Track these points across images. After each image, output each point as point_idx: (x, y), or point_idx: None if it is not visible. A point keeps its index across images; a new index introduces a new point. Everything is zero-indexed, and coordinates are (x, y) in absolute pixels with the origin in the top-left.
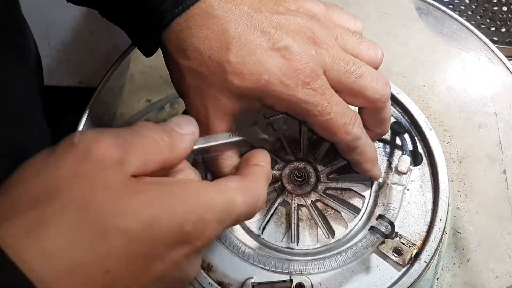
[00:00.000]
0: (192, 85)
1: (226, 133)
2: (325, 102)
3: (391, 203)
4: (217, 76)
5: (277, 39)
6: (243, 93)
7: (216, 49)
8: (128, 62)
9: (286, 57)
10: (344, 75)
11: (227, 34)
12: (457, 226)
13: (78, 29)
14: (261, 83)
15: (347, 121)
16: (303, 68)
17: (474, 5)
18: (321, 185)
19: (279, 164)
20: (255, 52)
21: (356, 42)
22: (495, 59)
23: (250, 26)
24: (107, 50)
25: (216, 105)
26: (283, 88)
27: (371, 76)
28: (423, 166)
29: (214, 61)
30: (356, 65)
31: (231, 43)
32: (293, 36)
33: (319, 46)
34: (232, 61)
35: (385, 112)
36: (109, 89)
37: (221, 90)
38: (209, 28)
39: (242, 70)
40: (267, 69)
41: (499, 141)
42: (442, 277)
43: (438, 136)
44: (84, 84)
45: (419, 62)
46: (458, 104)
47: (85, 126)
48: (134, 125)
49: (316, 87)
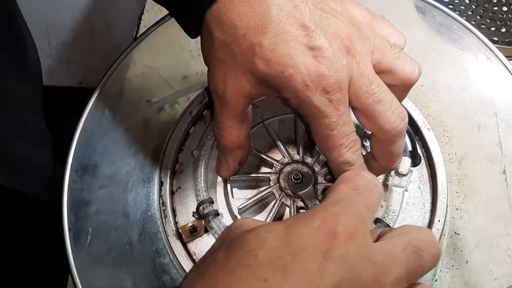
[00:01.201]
0: (220, 58)
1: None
2: (334, 117)
3: (391, 205)
4: (245, 56)
5: (314, 37)
6: (265, 79)
7: (252, 29)
8: (128, 62)
9: (317, 58)
10: (364, 94)
11: (267, 17)
12: (456, 227)
13: (79, 30)
14: (284, 75)
15: (344, 142)
16: (330, 75)
17: (474, 5)
18: (318, 186)
19: (276, 166)
20: (289, 44)
21: (393, 57)
22: (495, 59)
23: (291, 16)
24: (107, 50)
25: (236, 84)
26: (303, 87)
27: (389, 105)
28: (421, 167)
29: (247, 41)
30: (379, 88)
31: (268, 27)
32: (330, 39)
33: (352, 57)
34: (264, 45)
35: (395, 147)
36: (109, 89)
37: (245, 71)
38: (251, 7)
39: (270, 57)
40: (295, 63)
41: (499, 141)
42: (441, 278)
43: (437, 137)
44: (84, 84)
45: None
46: (457, 104)
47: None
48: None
49: (333, 99)
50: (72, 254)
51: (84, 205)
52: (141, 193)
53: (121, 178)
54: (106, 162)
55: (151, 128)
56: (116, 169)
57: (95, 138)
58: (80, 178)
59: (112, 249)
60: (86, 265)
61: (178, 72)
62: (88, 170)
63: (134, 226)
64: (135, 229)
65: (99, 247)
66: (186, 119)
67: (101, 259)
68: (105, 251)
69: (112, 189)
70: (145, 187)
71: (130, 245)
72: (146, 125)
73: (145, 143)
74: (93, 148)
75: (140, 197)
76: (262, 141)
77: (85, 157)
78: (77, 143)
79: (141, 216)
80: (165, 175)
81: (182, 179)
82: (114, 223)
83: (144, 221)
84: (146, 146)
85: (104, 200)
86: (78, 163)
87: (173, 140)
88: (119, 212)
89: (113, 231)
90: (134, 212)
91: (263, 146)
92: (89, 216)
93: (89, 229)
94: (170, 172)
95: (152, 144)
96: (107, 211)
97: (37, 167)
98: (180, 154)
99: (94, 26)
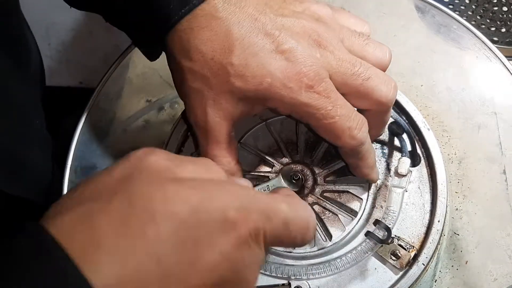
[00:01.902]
0: (193, 87)
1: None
2: (329, 106)
3: (391, 206)
4: (219, 78)
5: (281, 41)
6: (245, 95)
7: (219, 51)
8: (128, 62)
9: (289, 60)
10: (350, 77)
11: (230, 36)
12: (456, 227)
13: (79, 30)
14: (264, 86)
15: (352, 125)
16: (307, 71)
17: (474, 5)
18: (318, 188)
19: (276, 166)
20: (258, 55)
21: (363, 44)
22: (495, 59)
23: (254, 28)
24: (107, 50)
25: (216, 109)
26: (285, 91)
27: (379, 79)
28: (421, 167)
29: (217, 63)
30: (364, 67)
31: (234, 45)
32: (297, 38)
33: (325, 48)
34: (235, 63)
35: (388, 115)
36: (109, 89)
37: (222, 93)
38: (212, 30)
39: (244, 73)
40: (270, 71)
41: (499, 141)
42: (441, 279)
43: (437, 137)
44: (84, 84)
45: (418, 62)
46: (457, 104)
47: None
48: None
49: (320, 90)
50: None
51: None
52: None
53: None
54: (105, 163)
55: (151, 128)
56: None
57: (94, 139)
58: (79, 179)
59: None
60: None
61: None
62: (87, 171)
63: None
64: None
65: None
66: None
67: None
68: None
69: None
70: None
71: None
72: (146, 125)
73: (145, 142)
74: (92, 149)
75: None
76: (263, 140)
77: (84, 158)
78: (76, 145)
79: None
80: None
81: None
82: None
83: None
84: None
85: None
86: (77, 164)
87: (173, 142)
88: None
89: None
90: None
91: (263, 145)
92: None
93: None
94: None
95: (151, 144)
96: None
97: (37, 171)
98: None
99: (94, 27)
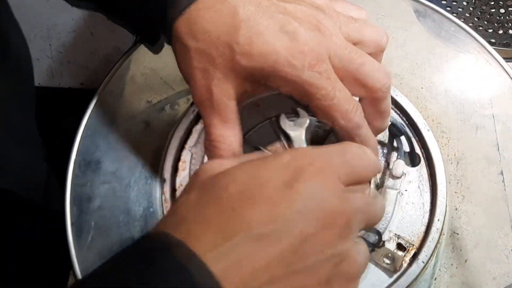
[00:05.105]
0: (199, 67)
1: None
2: (329, 87)
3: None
4: (224, 57)
5: (285, 23)
6: (250, 73)
7: (225, 31)
8: (128, 63)
9: (293, 39)
10: (346, 62)
11: (236, 17)
12: (455, 227)
13: (79, 31)
14: (269, 63)
15: (349, 108)
16: (309, 51)
17: (472, 8)
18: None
19: None
20: (264, 34)
21: (360, 28)
22: (493, 61)
23: (258, 10)
24: (108, 51)
25: (221, 88)
26: (289, 69)
27: (373, 66)
28: (421, 167)
29: (223, 42)
30: (359, 54)
31: (239, 25)
32: (299, 22)
33: (324, 33)
34: (241, 42)
35: (385, 104)
36: (110, 90)
37: (227, 72)
38: (218, 11)
39: (250, 51)
40: (275, 49)
41: (497, 142)
42: (440, 277)
43: (436, 138)
44: (85, 85)
45: (417, 64)
46: (455, 106)
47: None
48: None
49: (321, 71)
50: (74, 249)
51: (87, 200)
52: (143, 190)
53: (124, 174)
54: (109, 159)
55: (152, 128)
56: (119, 166)
57: (97, 136)
58: (83, 174)
59: (114, 245)
60: (88, 260)
61: (178, 73)
62: (91, 165)
63: (136, 223)
64: (137, 226)
65: (101, 242)
66: (189, 117)
67: (103, 254)
68: (107, 246)
69: (115, 185)
70: (147, 184)
71: (132, 241)
72: (146, 126)
73: (146, 142)
74: (96, 145)
75: (142, 194)
76: (266, 138)
77: (88, 152)
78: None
79: (143, 212)
80: (167, 173)
81: (184, 176)
82: (116, 219)
83: (146, 217)
84: (147, 145)
85: (107, 196)
86: (81, 158)
87: (175, 138)
88: (121, 208)
89: (115, 227)
90: (136, 208)
91: (266, 143)
92: (92, 210)
93: (92, 223)
94: (172, 169)
95: (153, 143)
96: (110, 207)
97: (23, 168)
98: (182, 152)
99: (95, 28)
